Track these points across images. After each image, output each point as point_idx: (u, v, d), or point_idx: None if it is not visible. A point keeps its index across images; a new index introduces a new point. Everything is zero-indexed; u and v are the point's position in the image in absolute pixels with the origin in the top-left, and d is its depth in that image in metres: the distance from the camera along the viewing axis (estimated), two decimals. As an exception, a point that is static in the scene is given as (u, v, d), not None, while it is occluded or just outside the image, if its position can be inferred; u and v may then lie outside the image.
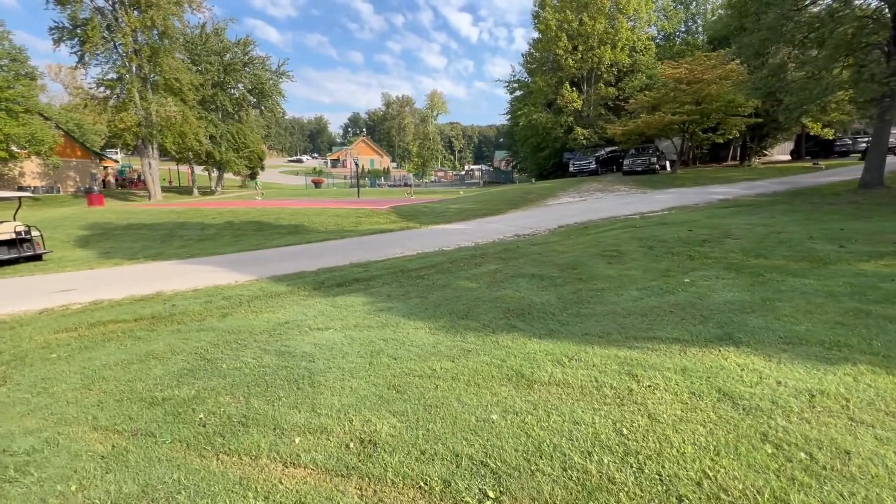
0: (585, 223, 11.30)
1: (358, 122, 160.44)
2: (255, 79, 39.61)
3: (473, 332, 4.58)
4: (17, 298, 6.40)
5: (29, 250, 10.66)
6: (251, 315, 5.39)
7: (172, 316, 5.39)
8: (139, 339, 4.73)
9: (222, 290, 6.46)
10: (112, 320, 5.23)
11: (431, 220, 13.70)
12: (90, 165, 38.09)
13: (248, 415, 3.15)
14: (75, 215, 17.74)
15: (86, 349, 4.47)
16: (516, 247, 8.70)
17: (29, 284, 7.45)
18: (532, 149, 37.30)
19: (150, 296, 6.20)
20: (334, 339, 4.53)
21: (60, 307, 5.78)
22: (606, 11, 32.01)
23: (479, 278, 6.72)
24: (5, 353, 4.41)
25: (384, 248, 9.50)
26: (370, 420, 3.00)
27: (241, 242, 11.78)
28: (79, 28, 28.63)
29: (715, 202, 14.35)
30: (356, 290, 6.37)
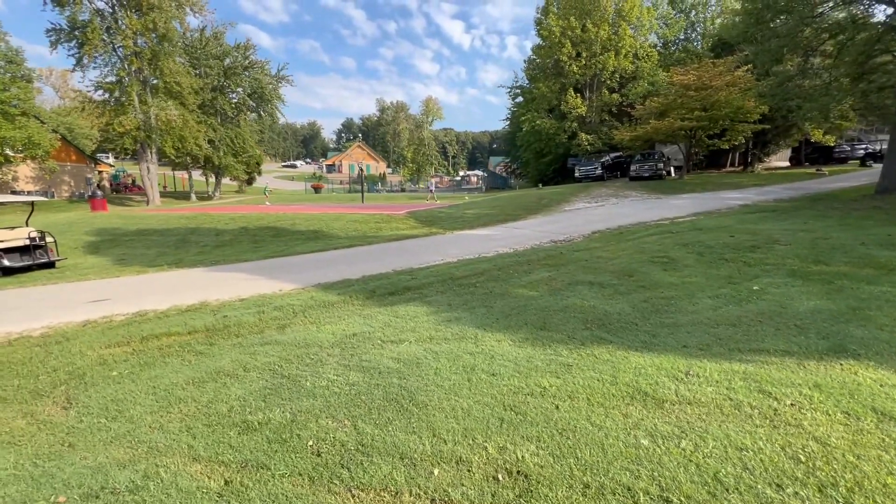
0: (618, 228, 11.12)
1: (351, 128, 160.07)
2: (255, 83, 39.20)
3: (562, 345, 4.32)
4: (52, 309, 5.99)
5: (42, 257, 10.20)
6: (312, 327, 5.08)
7: (227, 328, 5.05)
8: (201, 353, 4.39)
9: (270, 299, 6.13)
10: (164, 333, 4.88)
11: (453, 226, 13.44)
12: (85, 170, 37.32)
13: (363, 441, 2.85)
14: (80, 220, 17.18)
15: (147, 366, 4.12)
16: (559, 253, 8.47)
17: (55, 294, 7.03)
18: (535, 154, 37.30)
19: (196, 306, 5.85)
20: (415, 353, 4.23)
21: (103, 319, 5.40)
22: (609, 19, 32.23)
23: (535, 286, 6.47)
24: (60, 370, 4.05)
25: (420, 254, 9.21)
26: (506, 447, 2.72)
27: (262, 249, 11.41)
28: (77, 30, 28.08)
29: (736, 207, 14.28)
30: (411, 298, 6.08)
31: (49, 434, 3.07)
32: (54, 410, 3.40)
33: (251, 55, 39.03)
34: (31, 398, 3.58)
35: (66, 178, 35.29)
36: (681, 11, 37.48)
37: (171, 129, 30.16)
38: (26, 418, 3.29)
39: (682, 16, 37.25)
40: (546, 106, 34.91)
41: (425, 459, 2.63)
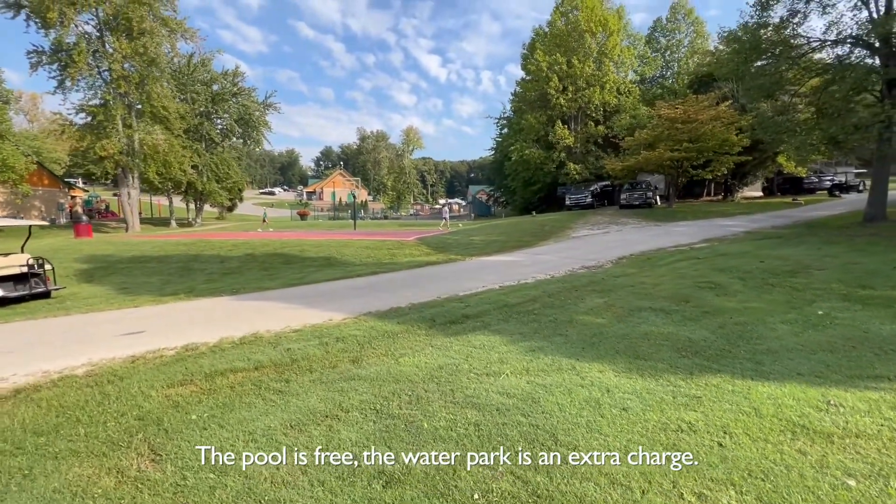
0: (641, 254, 11.18)
1: (330, 156, 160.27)
2: (242, 109, 38.85)
3: (671, 375, 4.11)
4: (80, 343, 5.37)
5: (38, 286, 9.37)
6: (388, 360, 4.70)
7: (295, 362, 4.61)
8: (281, 392, 3.95)
9: (325, 329, 5.70)
10: (228, 369, 4.40)
11: (469, 252, 13.24)
12: (57, 195, 35.57)
13: (537, 492, 2.52)
14: (66, 247, 16.09)
15: (228, 408, 3.65)
16: (601, 279, 8.36)
17: (75, 326, 6.35)
18: (523, 183, 37.97)
19: (249, 338, 5.36)
20: (521, 387, 3.93)
21: (151, 354, 4.85)
22: (593, 55, 33.82)
23: (597, 313, 6.28)
24: (127, 415, 3.53)
25: (456, 281, 8.93)
26: (703, 494, 2.45)
27: (277, 276, 10.87)
28: (62, 53, 27.31)
29: (740, 234, 14.68)
30: (475, 327, 5.78)
31: (153, 496, 2.59)
32: (143, 464, 2.91)
33: (239, 82, 38.82)
34: (108, 450, 3.07)
35: (36, 203, 33.49)
36: (656, 51, 39.81)
37: (156, 153, 29.25)
38: (114, 476, 2.79)
39: (658, 55, 39.53)
40: (534, 136, 35.84)
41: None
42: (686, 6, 39.51)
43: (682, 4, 39.76)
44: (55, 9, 24.56)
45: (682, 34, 39.74)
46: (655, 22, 40.89)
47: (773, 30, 16.89)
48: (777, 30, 16.82)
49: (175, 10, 29.84)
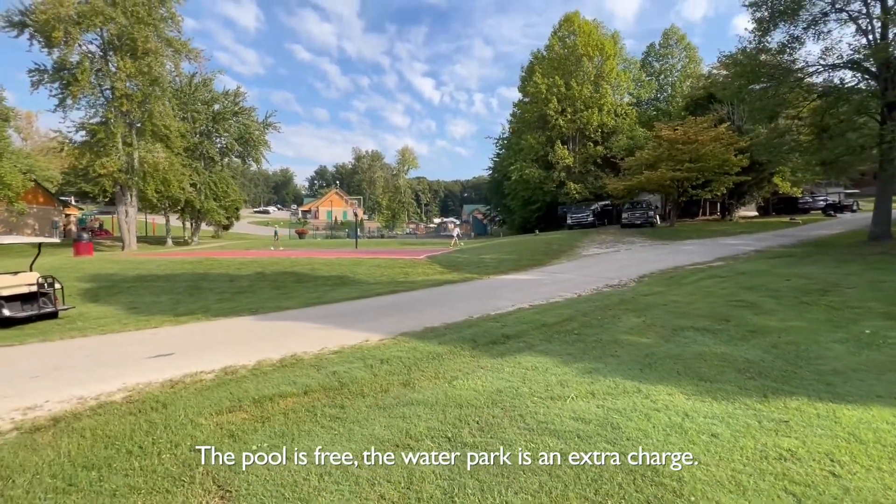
0: (660, 273, 11.12)
1: (325, 175, 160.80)
2: (243, 128, 38.97)
3: (744, 398, 3.96)
4: (108, 367, 5.08)
5: (46, 306, 9.00)
6: (441, 382, 4.48)
7: (345, 386, 4.38)
8: (339, 419, 3.72)
9: (365, 351, 5.46)
10: (276, 394, 4.15)
11: (484, 271, 13.09)
12: (52, 213, 35.01)
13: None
14: (67, 265, 15.64)
15: (287, 437, 3.41)
16: (630, 297, 8.24)
17: (97, 348, 6.04)
18: (522, 202, 38.20)
19: (289, 360, 5.10)
20: (593, 411, 3.74)
21: (189, 378, 4.57)
22: (591, 78, 34.60)
23: (640, 332, 6.13)
24: (181, 445, 3.27)
25: (482, 300, 8.75)
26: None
27: (291, 295, 10.60)
28: (65, 71, 27.30)
29: (752, 253, 14.73)
30: (519, 348, 5.59)
31: (237, 538, 2.34)
32: (213, 502, 2.66)
33: (241, 101, 39.05)
34: (170, 486, 2.81)
35: (30, 222, 32.90)
36: (650, 75, 40.88)
37: (155, 171, 29.04)
38: (185, 515, 2.54)
39: (652, 79, 40.57)
40: (533, 156, 36.25)
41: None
42: (678, 33, 40.83)
43: (675, 31, 41.08)
44: (61, 28, 24.64)
45: (674, 59, 40.90)
46: (649, 47, 42.13)
47: (772, 54, 17.39)
48: (776, 54, 17.32)
49: (180, 31, 30.12)
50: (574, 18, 36.38)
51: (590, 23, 36.63)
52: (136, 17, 27.21)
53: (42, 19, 24.33)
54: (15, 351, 6.04)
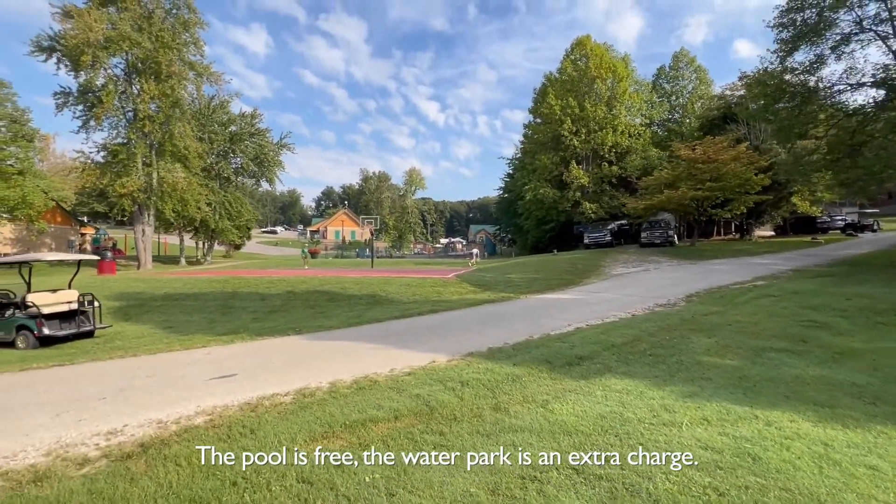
0: (706, 292, 10.82)
1: (331, 196, 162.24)
2: (259, 149, 39.47)
3: (877, 424, 3.67)
4: (177, 389, 4.81)
5: (84, 324, 8.81)
6: (534, 406, 4.19)
7: (434, 410, 4.10)
8: (444, 447, 3.44)
9: (438, 372, 5.19)
10: (366, 419, 3.88)
11: (517, 290, 12.80)
12: (69, 232, 35.22)
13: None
14: (92, 284, 15.50)
15: (399, 468, 3.13)
16: (690, 317, 7.94)
17: (155, 369, 5.78)
18: (536, 221, 38.09)
19: (364, 382, 4.83)
20: (720, 440, 3.45)
21: (266, 400, 4.31)
22: (605, 99, 34.96)
23: (719, 353, 5.83)
24: (288, 475, 3.00)
25: (530, 320, 8.47)
26: None
27: (328, 314, 10.36)
28: (90, 94, 27.89)
29: (787, 272, 14.39)
30: (598, 370, 5.30)
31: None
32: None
33: (257, 123, 39.70)
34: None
35: (47, 241, 33.06)
36: (661, 96, 41.29)
37: (173, 191, 29.28)
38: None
39: (663, 100, 40.97)
40: (547, 176, 36.32)
41: None
42: (688, 55, 41.41)
43: (685, 54, 41.68)
44: (89, 52, 25.23)
45: (685, 80, 41.36)
46: (659, 69, 42.69)
47: (796, 74, 17.45)
48: (800, 74, 17.38)
49: (202, 55, 30.85)
50: (586, 42, 37.02)
51: (601, 46, 37.25)
52: (161, 41, 27.93)
53: (72, 44, 24.95)
54: (69, 371, 5.80)
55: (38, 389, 4.92)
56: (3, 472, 2.97)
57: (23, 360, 7.03)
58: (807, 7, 16.08)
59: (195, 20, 30.35)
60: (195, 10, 30.67)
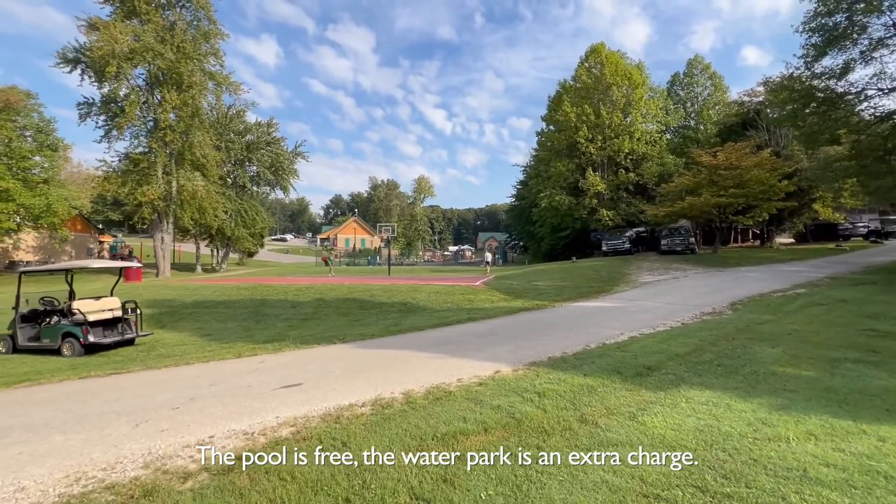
0: (747, 300, 10.60)
1: (340, 203, 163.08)
2: (275, 158, 39.83)
3: None
4: (247, 398, 4.71)
5: (127, 332, 8.79)
6: (624, 419, 4.04)
7: (520, 423, 3.97)
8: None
9: (510, 382, 5.05)
10: (456, 432, 3.76)
11: (550, 298, 12.64)
12: (88, 239, 35.63)
13: None
14: (120, 292, 15.49)
15: (510, 483, 3.01)
16: (744, 326, 7.74)
17: (215, 378, 5.71)
18: (551, 229, 37.88)
19: (438, 393, 4.70)
20: (839, 457, 3.29)
21: (345, 411, 4.19)
22: (621, 106, 34.88)
23: (791, 364, 5.63)
24: (399, 492, 2.87)
25: (577, 328, 8.31)
26: None
27: (365, 322, 10.26)
28: (113, 103, 28.37)
29: (823, 279, 14.09)
30: (670, 381, 5.12)
31: None
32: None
33: (273, 132, 40.10)
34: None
35: (67, 248, 33.45)
36: (678, 102, 41.13)
37: (192, 199, 29.56)
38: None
39: (679, 107, 40.80)
40: (562, 184, 36.16)
41: None
42: (703, 62, 41.27)
43: (699, 60, 41.55)
44: (114, 63, 25.67)
45: (700, 87, 41.19)
46: (673, 76, 42.58)
47: (825, 79, 17.25)
48: (829, 78, 17.18)
49: (222, 65, 31.29)
50: (601, 49, 37.04)
51: (615, 53, 37.23)
52: (183, 52, 28.38)
53: (97, 55, 25.40)
54: (128, 379, 5.74)
55: (107, 398, 4.85)
56: (110, 486, 2.88)
57: (73, 367, 7.00)
58: (837, 11, 15.93)
59: (215, 31, 30.85)
60: (215, 22, 31.19)
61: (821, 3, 16.20)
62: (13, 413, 4.47)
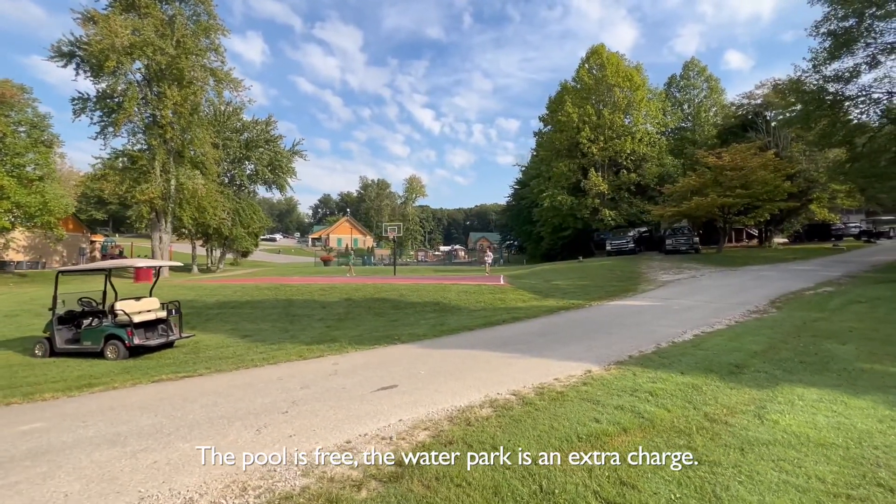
0: (787, 298, 10.72)
1: (328, 203, 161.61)
2: (273, 156, 39.22)
3: None
4: (351, 401, 4.53)
5: (169, 334, 8.47)
6: (753, 418, 4.00)
7: (653, 423, 3.90)
8: (710, 462, 3.23)
9: (610, 382, 4.97)
10: (598, 432, 3.67)
11: (580, 298, 12.62)
12: (80, 239, 34.56)
13: None
14: (135, 292, 15.08)
15: (689, 485, 2.92)
16: (801, 324, 7.82)
17: (305, 381, 5.50)
18: (552, 228, 38.11)
19: (550, 393, 4.59)
20: None
21: (468, 413, 4.06)
22: (622, 108, 35.24)
23: (875, 361, 5.70)
24: (585, 496, 2.76)
25: (635, 327, 8.29)
26: None
27: (406, 322, 10.09)
28: (108, 99, 27.57)
29: (841, 279, 14.36)
30: (766, 378, 5.12)
31: None
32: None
33: (272, 129, 39.50)
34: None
35: (59, 248, 32.39)
36: (674, 105, 41.73)
37: (192, 198, 28.89)
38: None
39: (676, 108, 41.40)
40: (564, 184, 36.37)
41: None
42: (699, 65, 41.94)
43: (696, 63, 42.21)
44: (114, 58, 24.92)
45: (696, 90, 41.85)
46: (670, 78, 43.16)
47: (834, 81, 17.64)
48: (838, 81, 17.57)
49: (223, 61, 30.60)
50: (601, 51, 37.37)
51: (616, 55, 37.59)
52: (184, 47, 27.70)
53: (96, 49, 24.63)
54: (209, 384, 5.49)
55: (203, 402, 4.62)
56: (285, 496, 2.71)
57: (126, 371, 6.71)
58: (850, 17, 16.29)
59: (216, 26, 30.16)
60: (215, 16, 30.52)
61: (836, 7, 16.51)
62: (116, 419, 4.23)
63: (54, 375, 6.63)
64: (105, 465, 3.21)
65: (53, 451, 3.47)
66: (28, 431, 3.90)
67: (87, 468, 3.16)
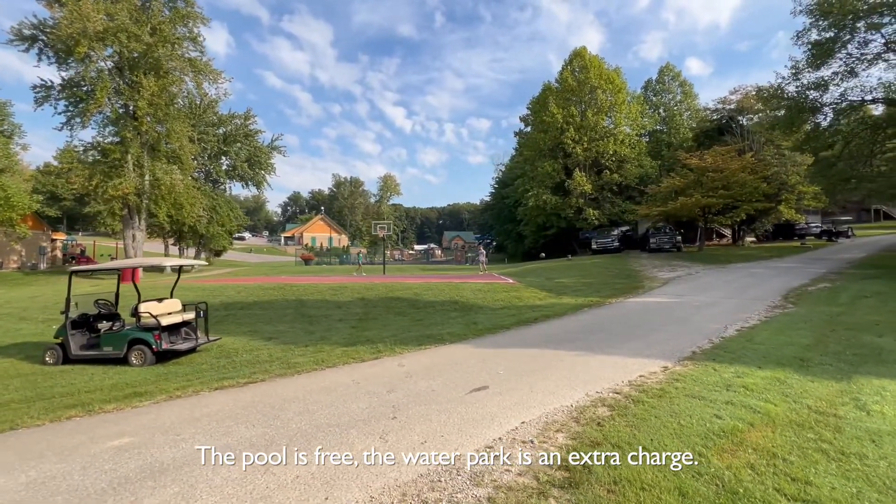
0: (791, 293, 11.22)
1: (298, 201, 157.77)
2: (252, 152, 37.84)
3: None
4: (458, 405, 4.32)
5: (191, 337, 7.94)
6: (859, 411, 4.11)
7: (772, 419, 3.93)
8: (859, 456, 3.27)
9: (696, 379, 4.98)
10: (730, 429, 3.65)
11: (595, 295, 12.77)
12: (41, 237, 32.18)
13: None
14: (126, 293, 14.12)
15: (854, 485, 2.94)
16: (828, 318, 8.19)
17: (376, 386, 5.22)
18: (537, 227, 38.59)
19: (653, 390, 4.55)
20: None
21: (585, 413, 3.97)
22: (606, 110, 36.10)
23: (921, 352, 5.99)
24: (815, 500, 2.73)
25: (670, 324, 8.41)
26: None
27: (433, 322, 9.90)
28: (76, 87, 25.80)
29: (831, 275, 15.14)
30: (834, 371, 5.29)
31: None
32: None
33: (251, 124, 38.10)
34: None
35: (17, 247, 30.05)
36: (651, 108, 43.13)
37: (169, 194, 27.45)
38: None
39: (653, 111, 42.80)
40: (549, 183, 36.89)
41: None
42: (674, 70, 43.55)
43: (670, 68, 43.81)
44: (85, 44, 23.30)
45: (671, 94, 43.42)
46: (647, 83, 44.65)
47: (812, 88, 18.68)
48: (816, 88, 18.61)
49: (202, 51, 29.16)
50: (584, 53, 38.12)
51: (597, 57, 38.46)
52: (161, 35, 26.23)
53: (65, 34, 22.95)
54: (283, 389, 5.14)
55: (294, 409, 4.29)
56: None
57: (163, 378, 6.21)
58: (832, 28, 17.25)
59: (194, 14, 28.66)
60: (193, 3, 29.03)
61: (817, 18, 17.43)
62: (212, 431, 3.85)
63: (84, 385, 6.06)
64: (241, 482, 2.91)
65: (170, 468, 3.12)
66: (121, 447, 3.51)
67: (224, 487, 2.86)
